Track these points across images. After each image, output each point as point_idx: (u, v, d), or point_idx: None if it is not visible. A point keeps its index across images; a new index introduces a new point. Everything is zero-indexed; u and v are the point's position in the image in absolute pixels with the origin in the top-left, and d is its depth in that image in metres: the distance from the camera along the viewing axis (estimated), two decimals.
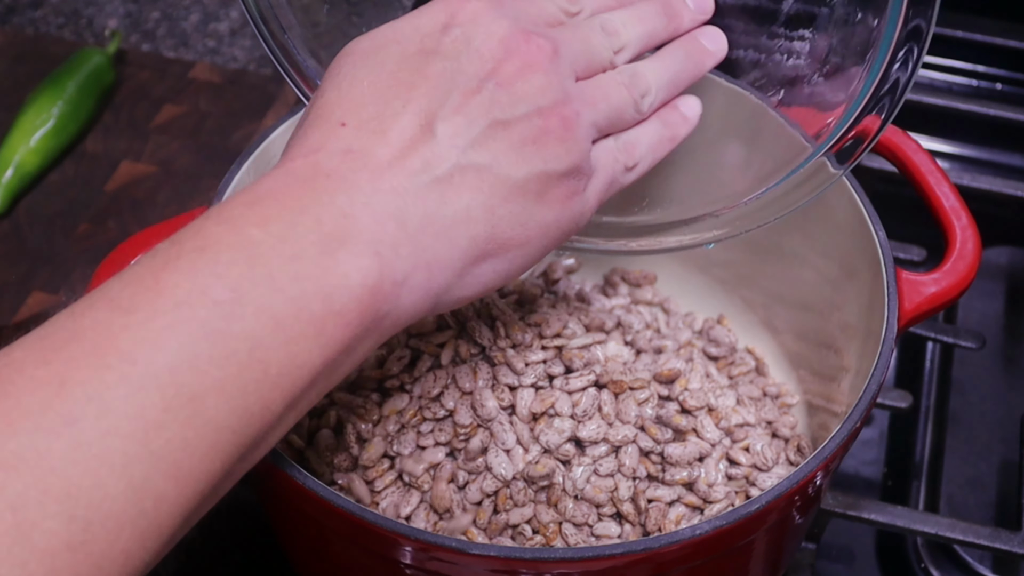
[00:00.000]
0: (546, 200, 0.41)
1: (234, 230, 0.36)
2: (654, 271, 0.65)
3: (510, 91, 0.41)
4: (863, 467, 0.66)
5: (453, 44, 0.41)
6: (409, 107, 0.40)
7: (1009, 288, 0.74)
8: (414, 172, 0.39)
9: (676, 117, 0.47)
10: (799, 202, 0.51)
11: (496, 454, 0.50)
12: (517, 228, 0.41)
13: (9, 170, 0.74)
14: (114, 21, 0.88)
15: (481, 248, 0.40)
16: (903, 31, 0.47)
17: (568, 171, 0.42)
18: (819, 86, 0.52)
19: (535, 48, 0.42)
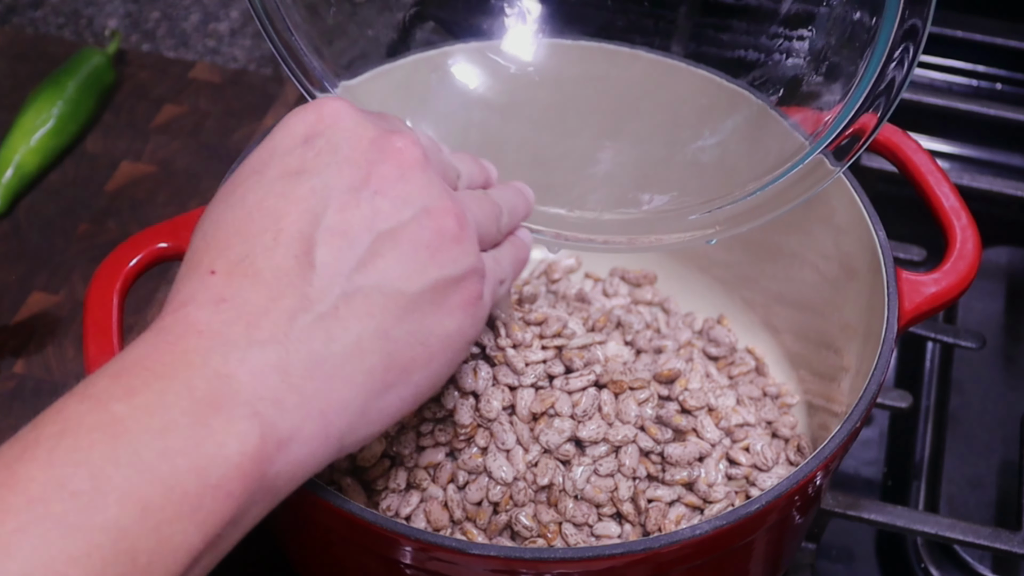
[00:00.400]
0: (445, 309, 0.39)
1: (97, 407, 0.33)
2: (654, 271, 0.65)
3: (392, 196, 0.38)
4: (863, 467, 0.66)
5: (318, 157, 0.38)
6: (281, 239, 0.36)
7: (1009, 288, 0.74)
8: (293, 314, 0.36)
9: (519, 243, 0.46)
10: (797, 199, 0.51)
11: (495, 457, 0.50)
12: (417, 348, 0.38)
13: (9, 170, 0.74)
14: (114, 21, 0.88)
15: (380, 379, 0.37)
16: (900, 30, 0.47)
17: (467, 273, 0.39)
18: (817, 85, 0.52)
19: (408, 144, 0.39)
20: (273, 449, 0.34)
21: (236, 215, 0.37)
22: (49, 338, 0.68)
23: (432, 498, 0.51)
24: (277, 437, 0.34)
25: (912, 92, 0.76)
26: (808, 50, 0.52)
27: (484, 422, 0.51)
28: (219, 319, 0.35)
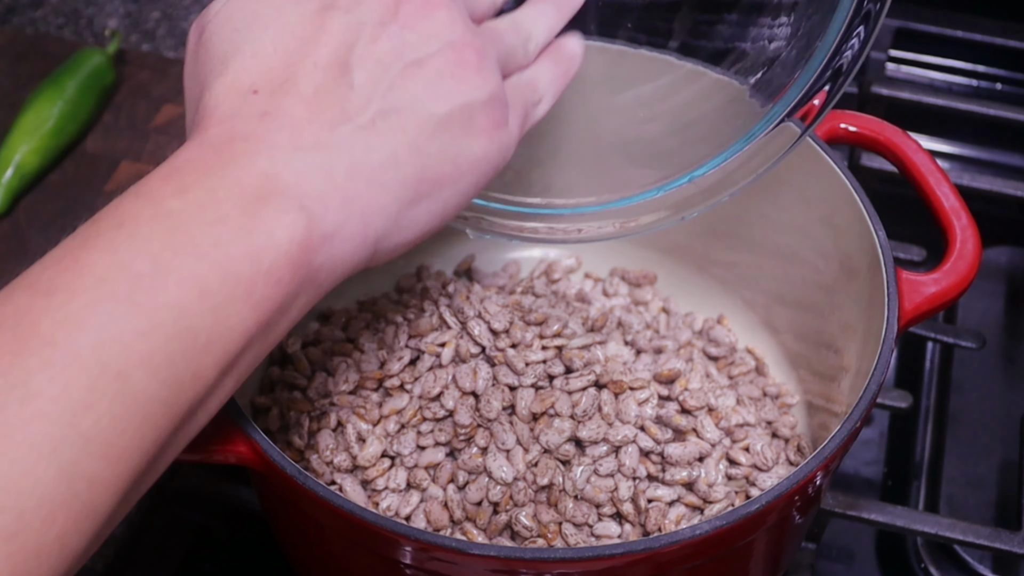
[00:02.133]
0: (473, 132, 0.41)
1: (152, 203, 0.35)
2: (654, 271, 0.65)
3: (418, 31, 0.41)
4: (863, 467, 0.66)
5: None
6: (319, 64, 0.39)
7: (1009, 288, 0.74)
8: (335, 124, 0.38)
9: (563, 56, 0.48)
10: (762, 166, 0.51)
11: (495, 457, 0.50)
12: (448, 164, 0.41)
13: (9, 170, 0.74)
14: (114, 21, 0.88)
15: (414, 189, 0.40)
16: (857, 13, 0.48)
17: (489, 100, 0.42)
18: (785, 65, 0.53)
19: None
20: (318, 241, 0.37)
21: (275, 41, 0.39)
22: None
23: (432, 498, 0.51)
24: (322, 230, 0.37)
25: (912, 92, 0.76)
26: (784, 35, 0.53)
27: (484, 422, 0.51)
28: (264, 128, 0.37)
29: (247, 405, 0.54)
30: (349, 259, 0.38)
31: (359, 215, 0.38)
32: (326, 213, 0.37)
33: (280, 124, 0.38)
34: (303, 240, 0.36)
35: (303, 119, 0.38)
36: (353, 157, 0.38)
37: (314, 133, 0.38)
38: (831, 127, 0.56)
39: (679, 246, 0.64)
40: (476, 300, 0.55)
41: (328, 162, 0.38)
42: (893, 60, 0.85)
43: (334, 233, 0.37)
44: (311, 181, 0.37)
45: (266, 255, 0.35)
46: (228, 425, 0.46)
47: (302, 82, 0.39)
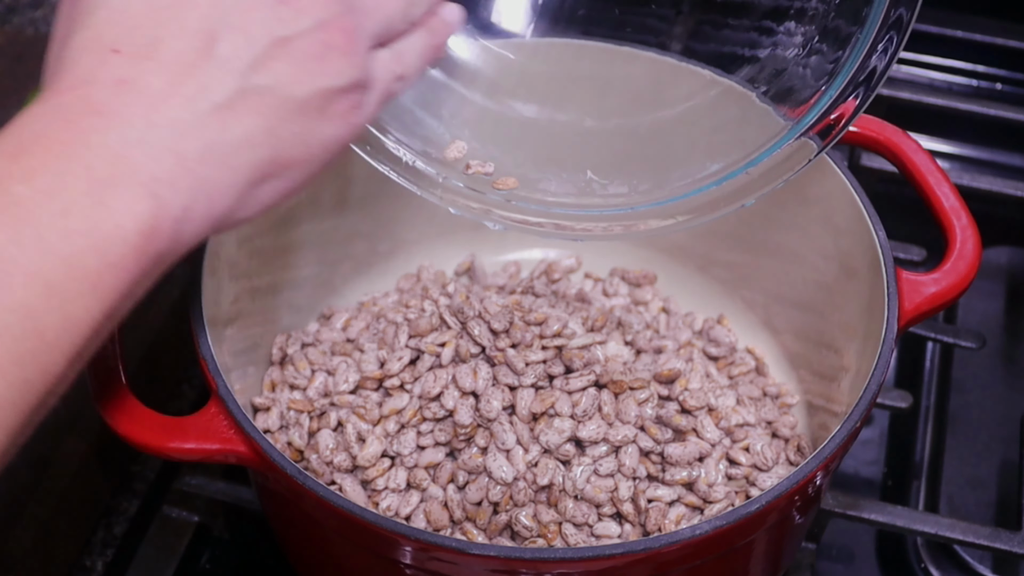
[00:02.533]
0: (328, 116, 0.41)
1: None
2: (654, 271, 0.65)
3: (292, 5, 0.40)
4: (863, 467, 0.66)
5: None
6: (187, 28, 0.38)
7: (1009, 288, 0.74)
8: (192, 100, 0.37)
9: (438, 23, 0.47)
10: (779, 179, 0.51)
11: (495, 457, 0.50)
12: (300, 147, 0.40)
13: None
14: None
15: (263, 171, 0.39)
16: (886, 20, 0.48)
17: (349, 86, 0.41)
18: (805, 75, 0.53)
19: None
20: (166, 227, 0.36)
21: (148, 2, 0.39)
22: None
23: (432, 498, 0.51)
24: (170, 216, 0.36)
25: (912, 92, 0.76)
26: (798, 43, 0.53)
27: (484, 422, 0.51)
28: (119, 100, 0.37)
29: (247, 405, 0.54)
30: (191, 239, 0.38)
31: (206, 197, 0.38)
32: (175, 197, 0.37)
33: (136, 96, 0.37)
34: (150, 228, 0.36)
35: (161, 91, 0.37)
36: (207, 137, 0.38)
37: (171, 109, 0.37)
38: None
39: (679, 246, 0.64)
40: (476, 300, 0.55)
41: (182, 142, 0.37)
42: None
43: (181, 217, 0.37)
44: (162, 163, 0.36)
45: (113, 247, 0.35)
46: (228, 425, 0.46)
47: (165, 47, 0.38)
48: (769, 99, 0.54)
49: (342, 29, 0.41)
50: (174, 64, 0.38)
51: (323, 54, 0.40)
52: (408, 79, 0.46)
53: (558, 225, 0.55)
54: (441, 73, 0.56)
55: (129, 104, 0.37)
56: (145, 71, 0.37)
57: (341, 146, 0.42)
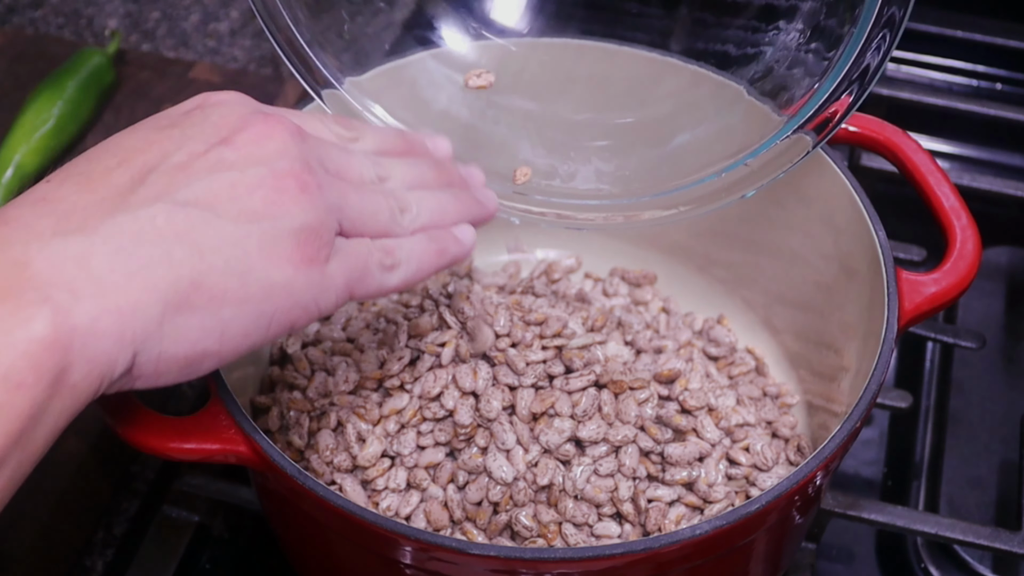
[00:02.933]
0: (274, 258, 0.38)
1: None
2: (654, 271, 0.65)
3: (242, 153, 0.38)
4: (863, 467, 0.66)
5: (190, 119, 0.39)
6: (123, 164, 0.37)
7: (1009, 288, 0.74)
8: (108, 212, 0.36)
9: (446, 235, 0.45)
10: (777, 172, 0.52)
11: (495, 457, 0.50)
12: (232, 280, 0.37)
13: (9, 170, 0.74)
14: (114, 21, 0.88)
15: (185, 295, 0.36)
16: (879, 18, 0.48)
17: (300, 230, 0.38)
18: (799, 73, 0.53)
19: (278, 122, 0.40)
20: (66, 337, 0.34)
21: (97, 149, 0.39)
22: None
23: (432, 498, 0.51)
24: (70, 325, 0.34)
25: (912, 92, 0.76)
26: (791, 40, 0.53)
27: (484, 422, 0.51)
28: (32, 212, 0.36)
29: (247, 405, 0.54)
30: (104, 359, 0.35)
31: (115, 310, 0.35)
32: (75, 304, 0.34)
33: (50, 209, 0.36)
34: (47, 337, 0.33)
35: (77, 205, 0.36)
36: (118, 245, 0.35)
37: (82, 218, 0.35)
38: None
39: (679, 246, 0.64)
40: (476, 300, 0.55)
41: (87, 249, 0.35)
42: (893, 60, 0.85)
43: (86, 328, 0.34)
44: (63, 269, 0.34)
45: (3, 358, 0.32)
46: (228, 425, 0.46)
47: (96, 174, 0.37)
48: (764, 96, 0.54)
49: (297, 179, 0.39)
50: (100, 187, 0.36)
51: (270, 194, 0.38)
52: (401, 272, 0.43)
53: (560, 215, 0.55)
54: (441, 65, 0.57)
55: (41, 216, 0.35)
56: (68, 191, 0.36)
57: (293, 299, 0.39)
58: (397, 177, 0.44)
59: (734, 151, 0.54)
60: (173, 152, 0.38)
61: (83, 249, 0.35)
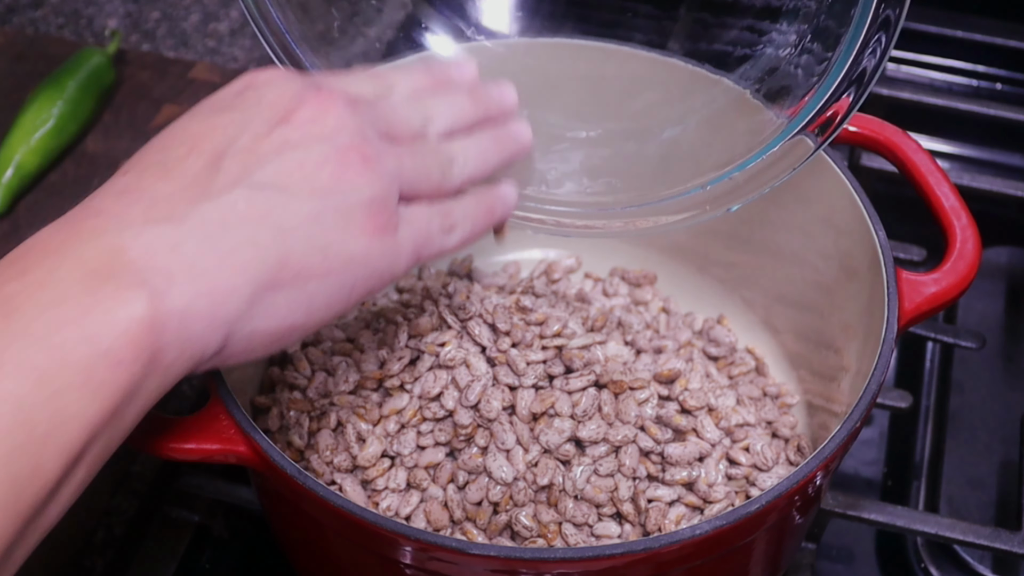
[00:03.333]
0: (350, 229, 0.40)
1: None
2: (654, 271, 0.65)
3: (303, 131, 0.40)
4: (863, 467, 0.66)
5: (245, 101, 0.40)
6: (194, 151, 0.38)
7: (1009, 288, 0.74)
8: (194, 200, 0.37)
9: (493, 196, 0.46)
10: (777, 178, 0.52)
11: (495, 457, 0.50)
12: (315, 255, 0.39)
13: (9, 170, 0.74)
14: (114, 21, 0.88)
15: (272, 274, 0.38)
16: (874, 21, 0.49)
17: (370, 201, 0.40)
18: (797, 74, 0.53)
19: (329, 96, 0.41)
20: (162, 319, 0.35)
21: (159, 139, 0.40)
22: None
23: (432, 498, 0.51)
24: (166, 307, 0.35)
25: (912, 92, 0.76)
26: (792, 42, 0.54)
27: (484, 422, 0.51)
28: (120, 202, 0.37)
29: (247, 405, 0.54)
30: (198, 340, 0.36)
31: (207, 293, 0.36)
32: (171, 288, 0.35)
33: (136, 198, 0.37)
34: (145, 318, 0.34)
35: (161, 194, 0.37)
36: (207, 232, 0.37)
37: (170, 207, 0.37)
38: None
39: (679, 246, 0.64)
40: (476, 300, 0.55)
41: (179, 236, 0.36)
42: (893, 60, 0.85)
43: (181, 311, 0.35)
44: (157, 255, 0.36)
45: (104, 336, 0.34)
46: (228, 425, 0.46)
47: (171, 163, 0.38)
48: (763, 97, 0.54)
49: (359, 152, 0.40)
50: (178, 175, 0.38)
51: (336, 169, 0.39)
52: (458, 233, 0.45)
53: (559, 223, 0.55)
54: None
55: (129, 205, 0.37)
56: (147, 181, 0.38)
57: (371, 268, 0.41)
58: (439, 117, 0.45)
59: (735, 155, 0.54)
60: (238, 135, 0.39)
61: (175, 236, 0.36)
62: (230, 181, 0.38)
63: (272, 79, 0.41)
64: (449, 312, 0.55)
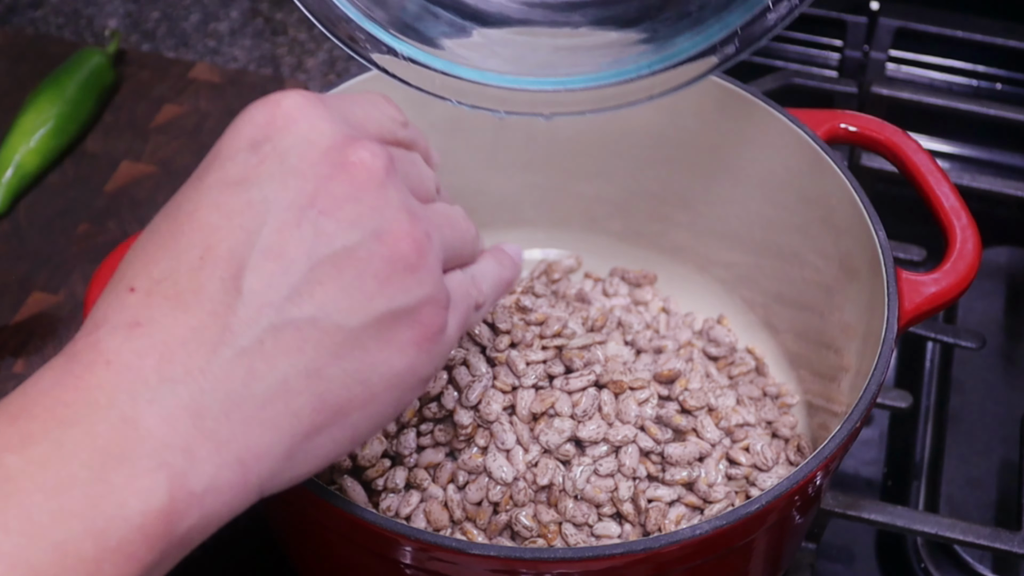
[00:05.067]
0: (395, 345, 0.34)
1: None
2: (654, 271, 0.65)
3: (339, 217, 0.33)
4: (863, 467, 0.66)
5: (263, 165, 0.34)
6: (208, 257, 0.33)
7: (1009, 288, 0.74)
8: (213, 346, 0.32)
9: (506, 259, 0.43)
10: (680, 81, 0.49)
11: (495, 457, 0.50)
12: (356, 387, 0.34)
13: (9, 170, 0.74)
14: (114, 21, 0.88)
15: (309, 421, 0.33)
16: None
17: (420, 304, 0.35)
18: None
19: (367, 156, 0.34)
20: (183, 505, 0.31)
21: (168, 226, 0.34)
22: (49, 338, 0.68)
23: (432, 498, 0.51)
24: (188, 490, 0.31)
25: (912, 92, 0.76)
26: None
27: (484, 422, 0.51)
28: (131, 347, 0.32)
29: None
30: (225, 512, 0.33)
31: (235, 462, 0.32)
32: (193, 467, 0.31)
33: (150, 342, 0.32)
34: (162, 509, 0.30)
35: (177, 337, 0.32)
36: (230, 389, 0.32)
37: (186, 358, 0.32)
38: (831, 127, 0.56)
39: (679, 246, 0.65)
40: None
41: (200, 398, 0.32)
42: (893, 60, 0.86)
43: (204, 489, 0.31)
44: (177, 426, 0.31)
45: (114, 531, 0.30)
46: None
47: (183, 281, 0.33)
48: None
49: (410, 237, 0.34)
50: (193, 302, 0.32)
51: (383, 270, 0.34)
52: (484, 309, 0.40)
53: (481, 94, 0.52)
54: None
55: (141, 353, 0.32)
56: (160, 312, 0.32)
57: (418, 380, 0.36)
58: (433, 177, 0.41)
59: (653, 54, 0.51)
60: (258, 227, 0.33)
61: (194, 398, 0.32)
62: (254, 312, 0.32)
63: (289, 124, 0.35)
64: None
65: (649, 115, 0.60)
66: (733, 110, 0.57)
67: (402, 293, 0.34)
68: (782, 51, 0.85)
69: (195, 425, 0.31)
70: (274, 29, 0.87)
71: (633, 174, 0.63)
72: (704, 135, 0.59)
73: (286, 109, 0.35)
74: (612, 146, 0.62)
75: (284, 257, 0.33)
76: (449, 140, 0.61)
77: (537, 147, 0.63)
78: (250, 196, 0.33)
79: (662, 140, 0.61)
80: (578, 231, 0.66)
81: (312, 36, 0.86)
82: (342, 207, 0.33)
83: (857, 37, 0.85)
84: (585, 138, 0.62)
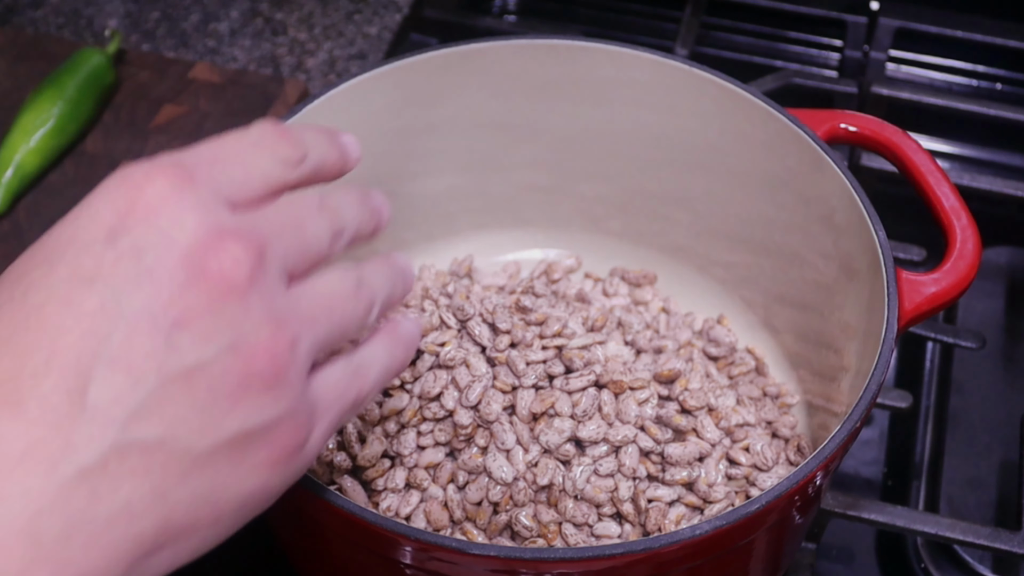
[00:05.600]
0: (246, 465, 0.33)
1: None
2: (654, 271, 0.65)
3: (193, 329, 0.31)
4: (863, 467, 0.66)
5: (119, 264, 0.31)
6: (54, 363, 0.30)
7: (1009, 288, 0.74)
8: (53, 464, 0.30)
9: (400, 337, 0.39)
10: None
11: (495, 457, 0.50)
12: (203, 508, 0.32)
13: (9, 170, 0.74)
14: (114, 21, 0.88)
15: (152, 542, 0.32)
16: None
17: (276, 423, 0.33)
18: None
19: (229, 264, 0.32)
20: None
21: (13, 316, 0.31)
22: None
23: (432, 498, 0.51)
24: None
25: (912, 92, 0.76)
26: None
27: (484, 422, 0.51)
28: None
29: None
30: None
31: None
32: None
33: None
34: None
35: (15, 453, 0.30)
36: (70, 512, 0.30)
37: (25, 477, 0.30)
38: (831, 127, 0.56)
39: (679, 246, 0.65)
40: (476, 300, 0.55)
41: (37, 520, 0.29)
42: (893, 60, 0.86)
43: None
44: (12, 552, 0.29)
45: None
46: None
47: (26, 387, 0.30)
48: None
49: (268, 352, 0.32)
50: (36, 413, 0.30)
51: (237, 389, 0.32)
52: (364, 403, 0.37)
53: None
54: None
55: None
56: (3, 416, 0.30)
57: (269, 498, 0.34)
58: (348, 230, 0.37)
59: None
60: (109, 333, 0.31)
61: (31, 519, 0.29)
62: (98, 429, 0.30)
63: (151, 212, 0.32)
64: (449, 312, 0.55)
65: (649, 115, 0.60)
66: (733, 110, 0.57)
67: (256, 412, 0.32)
68: (782, 51, 0.85)
69: (32, 549, 0.30)
70: (274, 29, 0.87)
71: (633, 174, 0.63)
72: (704, 135, 0.59)
73: (148, 198, 0.32)
74: (612, 146, 0.62)
75: (133, 370, 0.31)
76: (449, 140, 0.62)
77: (537, 147, 0.63)
78: (103, 298, 0.31)
79: (662, 140, 0.61)
80: (578, 231, 0.66)
81: (312, 36, 0.86)
82: (198, 319, 0.31)
83: (857, 37, 0.85)
84: (585, 138, 0.62)
